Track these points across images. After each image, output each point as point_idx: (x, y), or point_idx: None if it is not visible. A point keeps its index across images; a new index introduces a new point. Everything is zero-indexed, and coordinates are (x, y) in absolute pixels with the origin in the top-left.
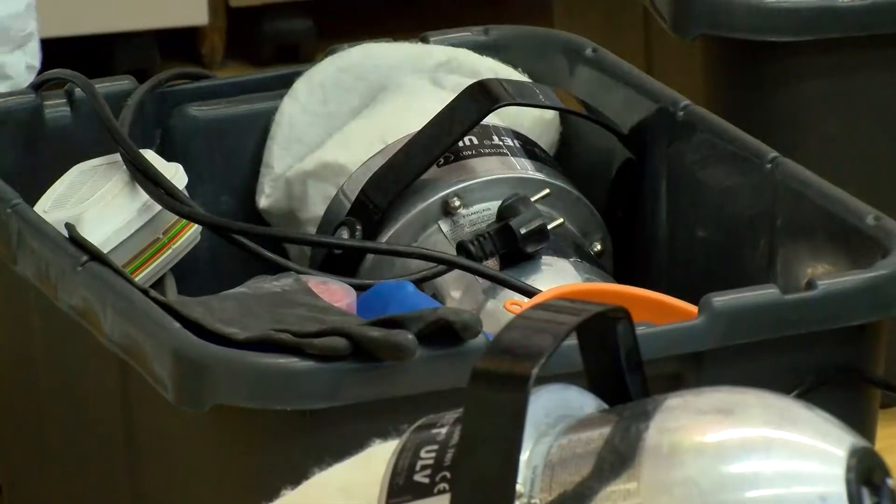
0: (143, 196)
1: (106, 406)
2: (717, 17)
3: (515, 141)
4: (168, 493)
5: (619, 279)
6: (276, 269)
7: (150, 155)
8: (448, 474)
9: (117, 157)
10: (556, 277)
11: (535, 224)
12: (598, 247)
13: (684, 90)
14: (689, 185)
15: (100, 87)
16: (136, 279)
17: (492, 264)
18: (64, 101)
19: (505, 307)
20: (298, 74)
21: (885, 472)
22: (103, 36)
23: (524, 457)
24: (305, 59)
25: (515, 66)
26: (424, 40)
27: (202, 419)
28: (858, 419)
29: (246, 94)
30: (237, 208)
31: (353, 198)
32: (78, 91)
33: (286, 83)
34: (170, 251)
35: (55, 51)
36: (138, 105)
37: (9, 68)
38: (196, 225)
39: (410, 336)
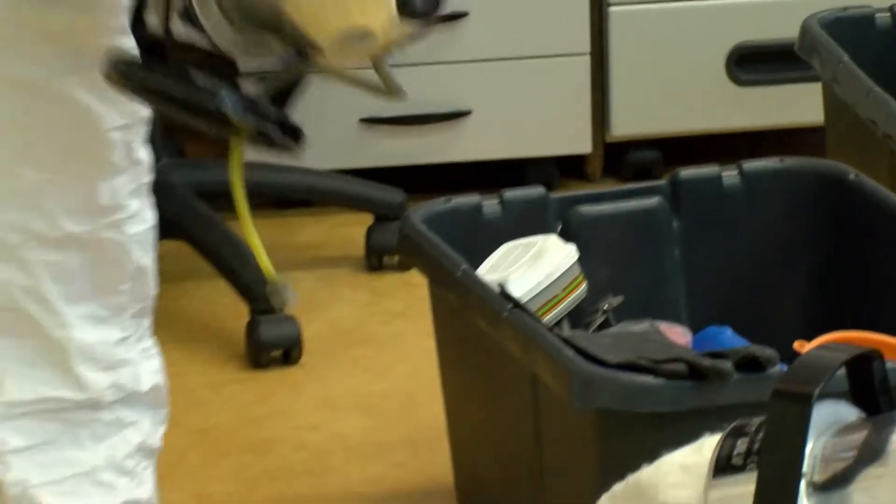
0: (550, 265)
1: (520, 409)
2: None
3: None
4: (562, 469)
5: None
6: None
7: (553, 238)
8: (756, 459)
9: (534, 238)
10: None
11: None
12: None
13: None
14: None
15: (517, 193)
16: (544, 321)
17: None
18: (497, 201)
19: (794, 348)
20: (653, 188)
21: None
22: (520, 159)
23: (808, 449)
24: (655, 177)
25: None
26: (739, 167)
27: (588, 418)
28: None
29: (616, 199)
30: (611, 278)
31: None
32: (506, 194)
33: (644, 193)
34: (565, 303)
35: (485, 168)
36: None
37: None
38: (584, 286)
39: (729, 365)
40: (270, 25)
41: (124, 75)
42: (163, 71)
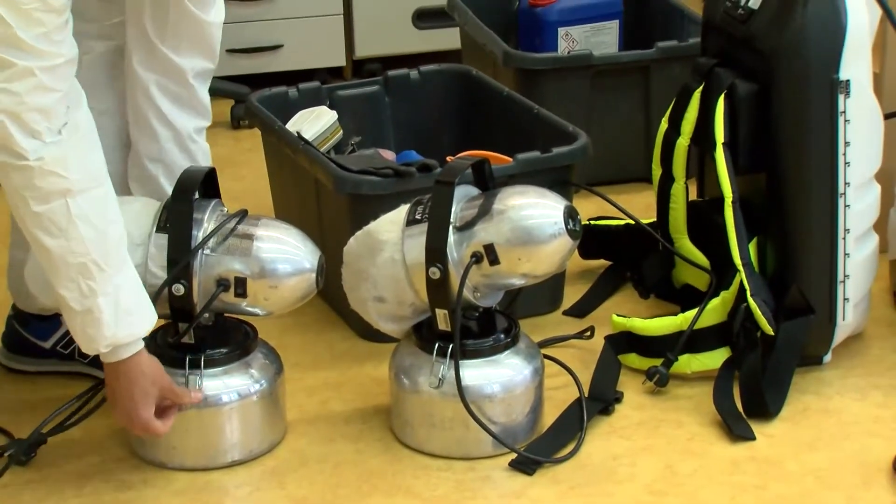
0: (323, 121)
1: (309, 199)
2: None
3: None
4: (332, 229)
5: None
6: None
7: (324, 108)
8: (427, 215)
9: (314, 108)
10: None
11: None
12: None
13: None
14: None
15: (306, 85)
16: (321, 150)
17: None
18: (296, 90)
19: (447, 159)
20: (375, 81)
21: (578, 214)
22: (308, 69)
23: (453, 209)
24: (378, 76)
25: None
26: (419, 69)
27: (344, 199)
28: (569, 197)
29: (356, 87)
30: (355, 128)
31: None
32: (301, 86)
33: (371, 84)
34: (331, 141)
35: (289, 74)
36: None
37: None
38: (341, 132)
39: (414, 169)
40: None
41: None
42: None
